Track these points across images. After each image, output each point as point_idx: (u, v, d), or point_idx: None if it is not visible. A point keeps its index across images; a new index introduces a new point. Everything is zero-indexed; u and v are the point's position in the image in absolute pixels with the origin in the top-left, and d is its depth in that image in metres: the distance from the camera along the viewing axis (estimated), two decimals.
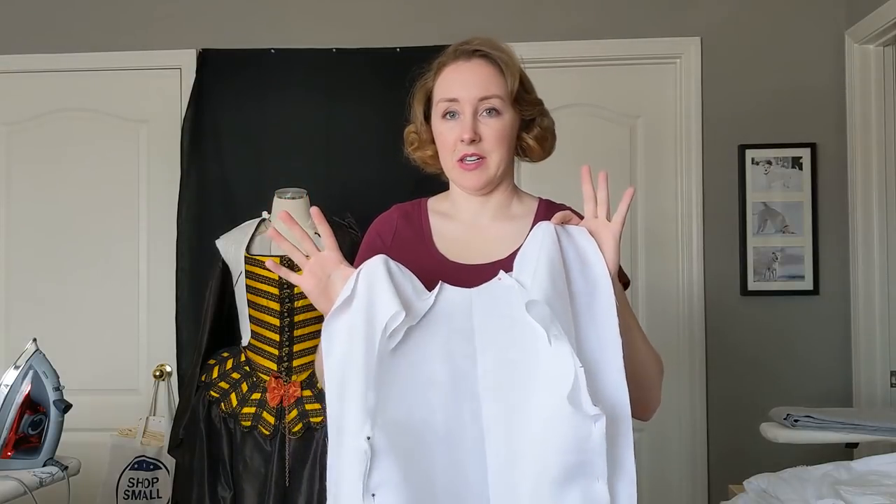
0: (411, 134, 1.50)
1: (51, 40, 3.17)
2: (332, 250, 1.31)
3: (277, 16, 3.13)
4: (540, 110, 1.47)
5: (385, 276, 1.24)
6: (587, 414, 1.13)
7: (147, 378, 3.10)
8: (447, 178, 1.49)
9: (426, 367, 1.23)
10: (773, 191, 3.00)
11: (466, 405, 1.22)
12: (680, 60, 3.05)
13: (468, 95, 1.38)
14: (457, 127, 1.39)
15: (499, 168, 1.41)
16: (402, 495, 1.17)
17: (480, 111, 1.38)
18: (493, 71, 1.40)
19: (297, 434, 2.28)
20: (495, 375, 1.22)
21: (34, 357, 2.13)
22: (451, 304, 1.25)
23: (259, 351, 2.38)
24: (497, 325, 1.23)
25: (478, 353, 1.23)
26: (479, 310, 1.25)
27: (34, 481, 2.02)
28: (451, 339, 1.23)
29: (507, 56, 1.42)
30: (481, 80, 1.39)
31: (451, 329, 1.24)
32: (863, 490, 1.79)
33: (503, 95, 1.39)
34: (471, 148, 1.38)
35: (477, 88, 1.38)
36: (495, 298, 1.25)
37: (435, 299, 1.25)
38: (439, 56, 1.45)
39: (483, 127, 1.38)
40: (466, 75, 1.40)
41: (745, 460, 2.79)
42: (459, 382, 1.22)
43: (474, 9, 3.07)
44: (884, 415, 2.40)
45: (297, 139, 3.05)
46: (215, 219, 2.90)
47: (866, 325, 2.91)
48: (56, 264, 3.16)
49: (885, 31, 2.76)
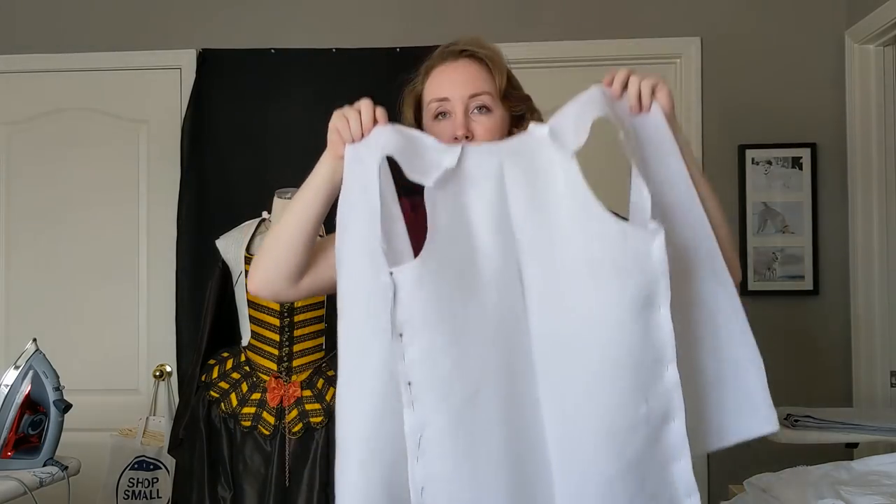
0: None
1: (51, 40, 3.17)
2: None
3: (277, 16, 3.13)
4: (529, 106, 1.48)
5: (396, 133, 1.25)
6: (647, 229, 1.14)
7: (147, 378, 3.10)
8: None
9: (460, 214, 1.23)
10: (773, 191, 3.00)
11: (509, 257, 1.22)
12: (680, 60, 3.05)
13: (458, 94, 1.39)
14: (449, 126, 1.39)
15: None
16: (438, 335, 1.15)
17: (471, 108, 1.39)
18: (480, 69, 1.41)
19: (297, 434, 2.28)
20: (533, 240, 1.22)
21: (34, 357, 2.13)
22: (475, 166, 1.25)
23: (259, 351, 2.37)
24: (530, 182, 1.23)
25: (511, 217, 1.22)
26: (509, 170, 1.24)
27: (34, 481, 2.01)
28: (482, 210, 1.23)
29: (493, 54, 1.44)
30: (470, 78, 1.40)
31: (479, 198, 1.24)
32: (863, 490, 1.79)
33: (493, 92, 1.41)
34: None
35: (466, 86, 1.39)
36: (524, 154, 1.25)
37: (462, 152, 1.25)
38: (426, 60, 1.46)
39: (475, 124, 1.39)
40: (455, 74, 1.41)
41: (745, 460, 2.77)
42: (499, 233, 1.22)
43: (474, 9, 3.07)
44: (884, 415, 2.40)
45: (297, 139, 3.05)
46: (215, 219, 2.90)
47: (866, 325, 2.91)
48: (56, 264, 3.16)
49: (885, 31, 2.76)
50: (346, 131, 1.29)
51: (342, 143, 1.30)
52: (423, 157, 1.24)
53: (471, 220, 1.23)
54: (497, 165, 1.25)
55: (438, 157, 1.24)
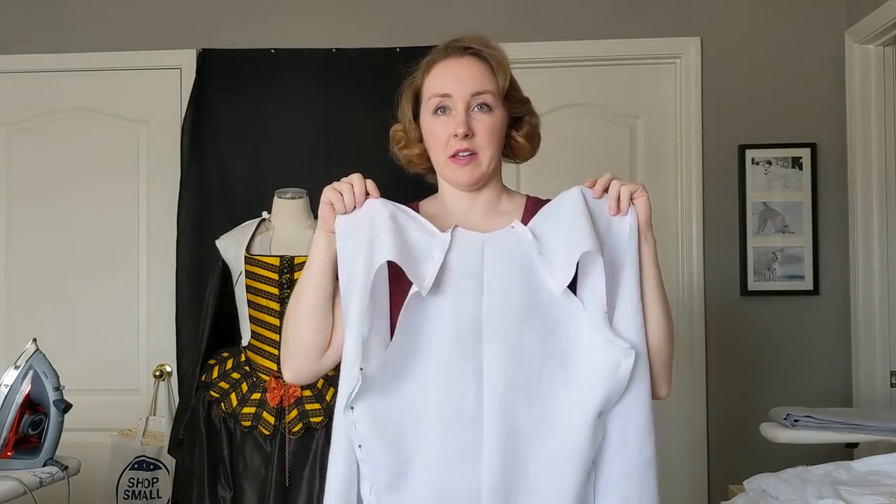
0: (398, 132, 1.50)
1: (51, 40, 3.17)
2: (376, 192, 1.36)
3: (277, 16, 3.14)
4: (528, 108, 1.48)
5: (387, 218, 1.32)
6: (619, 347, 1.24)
7: (147, 378, 3.10)
8: (432, 179, 1.50)
9: (432, 300, 1.29)
10: (773, 191, 3.00)
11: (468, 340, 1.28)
12: (680, 60, 3.05)
13: (461, 90, 1.38)
14: (449, 122, 1.39)
15: (490, 164, 1.41)
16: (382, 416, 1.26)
17: (473, 106, 1.39)
18: (484, 67, 1.41)
19: (297, 434, 2.28)
20: (500, 315, 1.28)
21: (34, 357, 2.13)
22: (465, 245, 1.33)
23: (259, 351, 2.37)
24: (505, 269, 1.31)
25: (484, 292, 1.29)
26: (490, 253, 1.33)
27: (34, 481, 2.01)
28: (462, 279, 1.30)
29: (498, 54, 1.43)
30: (474, 76, 1.40)
31: (460, 265, 1.31)
32: (863, 490, 1.79)
33: (495, 92, 1.40)
34: (464, 143, 1.38)
35: (470, 84, 1.39)
36: (506, 245, 1.34)
37: (451, 238, 1.33)
38: (428, 55, 1.45)
39: (475, 122, 1.38)
40: (459, 71, 1.40)
41: (745, 460, 2.79)
42: (463, 318, 1.29)
43: (474, 9, 3.07)
44: (884, 415, 2.40)
45: (296, 139, 3.05)
46: (215, 219, 2.90)
47: (866, 325, 2.91)
48: (56, 264, 3.16)
49: (885, 31, 2.76)
50: (339, 204, 1.34)
51: (334, 217, 1.35)
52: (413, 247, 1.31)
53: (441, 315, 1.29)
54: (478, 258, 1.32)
55: (428, 243, 1.32)
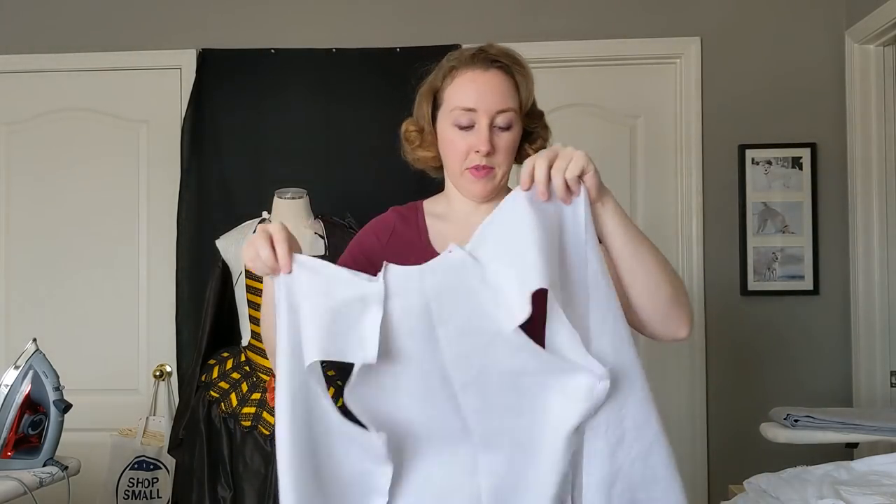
0: (412, 132, 1.48)
1: (51, 40, 3.17)
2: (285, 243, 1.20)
3: (277, 16, 3.13)
4: (542, 123, 1.48)
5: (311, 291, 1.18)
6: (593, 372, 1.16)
7: (147, 378, 3.10)
8: (437, 176, 1.50)
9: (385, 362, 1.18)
10: (773, 191, 3.00)
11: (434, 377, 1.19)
12: (680, 60, 3.05)
13: (486, 107, 1.37)
14: (471, 137, 1.38)
15: (504, 178, 1.42)
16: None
17: (495, 123, 1.38)
18: (510, 84, 1.39)
19: None
20: (459, 345, 1.18)
21: (34, 357, 2.13)
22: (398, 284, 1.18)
23: (259, 351, 2.37)
24: (452, 296, 1.18)
25: (436, 327, 1.18)
26: (432, 284, 1.18)
27: (34, 481, 2.02)
28: (403, 318, 1.18)
29: (523, 69, 1.42)
30: (500, 93, 1.38)
31: (403, 308, 1.18)
32: (863, 490, 1.79)
33: (517, 109, 1.39)
34: (484, 160, 1.38)
35: (495, 101, 1.37)
36: (448, 270, 1.19)
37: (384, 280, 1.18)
38: (451, 59, 1.43)
39: (497, 139, 1.38)
40: (484, 86, 1.38)
41: (745, 460, 2.79)
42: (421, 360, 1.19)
43: (474, 9, 3.07)
44: (884, 415, 2.40)
45: (296, 139, 3.05)
46: (215, 219, 2.91)
47: (866, 325, 2.91)
48: (56, 264, 3.16)
49: (885, 31, 2.76)
50: (259, 265, 1.20)
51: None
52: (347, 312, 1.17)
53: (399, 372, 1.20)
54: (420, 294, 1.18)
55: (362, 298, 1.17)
